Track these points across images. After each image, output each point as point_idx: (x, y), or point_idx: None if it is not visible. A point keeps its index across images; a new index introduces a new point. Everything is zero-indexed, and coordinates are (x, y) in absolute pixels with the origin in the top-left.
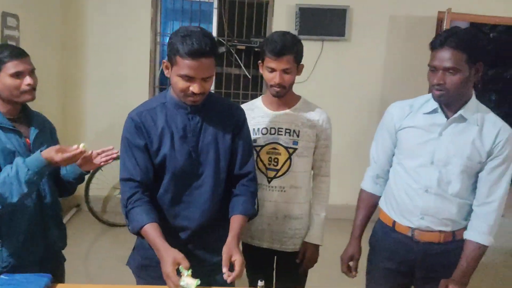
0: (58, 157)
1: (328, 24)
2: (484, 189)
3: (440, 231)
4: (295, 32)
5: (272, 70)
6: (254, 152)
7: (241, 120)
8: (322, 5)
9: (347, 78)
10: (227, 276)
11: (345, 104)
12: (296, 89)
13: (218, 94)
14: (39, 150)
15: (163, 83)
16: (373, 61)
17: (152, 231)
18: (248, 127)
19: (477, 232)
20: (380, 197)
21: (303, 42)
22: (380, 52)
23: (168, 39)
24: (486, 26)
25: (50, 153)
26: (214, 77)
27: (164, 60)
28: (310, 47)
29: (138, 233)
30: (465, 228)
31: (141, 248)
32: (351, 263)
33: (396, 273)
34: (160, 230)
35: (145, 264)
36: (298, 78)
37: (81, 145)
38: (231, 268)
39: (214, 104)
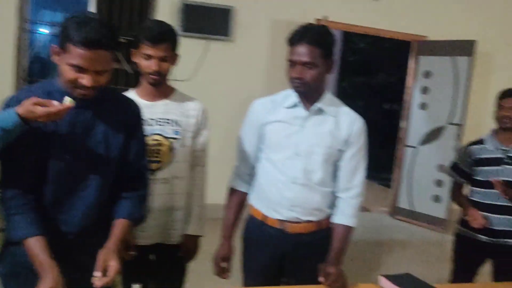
0: (40, 111)
1: (213, 23)
2: (345, 176)
3: (308, 221)
4: (179, 28)
5: (149, 57)
6: None
7: (136, 118)
8: (207, 3)
9: (231, 78)
10: (97, 280)
11: (228, 104)
12: (179, 87)
13: (113, 88)
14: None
15: (33, 75)
16: (257, 63)
17: (36, 245)
18: (143, 126)
19: (344, 216)
20: (248, 194)
21: (188, 40)
22: (263, 55)
23: (36, 26)
24: (356, 36)
25: (28, 107)
26: (110, 72)
27: (54, 45)
28: (195, 46)
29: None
30: (329, 216)
31: (11, 255)
32: (224, 264)
33: (270, 266)
34: (45, 244)
35: (17, 271)
36: (181, 76)
37: (68, 99)
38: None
39: (108, 98)
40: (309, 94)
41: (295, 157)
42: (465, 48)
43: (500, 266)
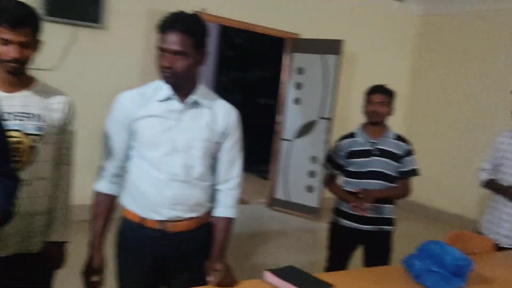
0: None
1: (82, 8)
2: (224, 168)
3: (190, 218)
4: (42, 12)
5: (7, 42)
6: None
7: None
8: None
9: (102, 70)
10: None
11: (98, 97)
12: (42, 77)
13: None
14: None
15: None
16: (131, 53)
17: None
18: (2, 119)
19: (225, 208)
20: (117, 196)
21: (52, 25)
22: (138, 45)
23: None
24: (233, 31)
25: None
26: None
27: None
28: (61, 32)
29: None
30: (209, 211)
31: None
32: (95, 278)
33: (150, 271)
34: None
35: None
36: (45, 65)
37: None
38: None
39: None
40: (181, 86)
41: (174, 153)
42: (333, 47)
43: (370, 251)
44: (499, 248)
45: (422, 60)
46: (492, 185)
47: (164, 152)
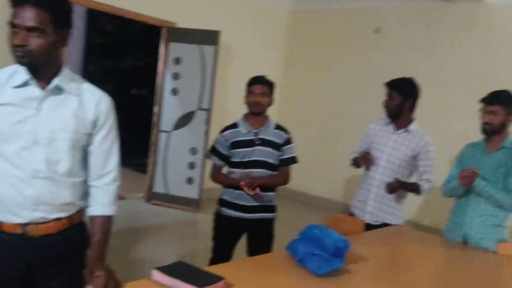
0: None
1: None
2: (98, 162)
3: (57, 219)
4: None
5: None
6: None
7: None
8: None
9: None
10: None
11: None
12: None
13: None
14: None
15: None
16: None
17: None
18: None
19: (102, 205)
20: None
21: None
22: None
23: None
24: (103, 17)
25: None
26: None
27: None
28: None
29: None
30: (81, 209)
31: None
32: None
33: (13, 281)
34: None
35: None
36: None
37: None
38: None
39: None
40: (40, 69)
41: (34, 146)
42: (210, 37)
43: (253, 239)
44: (367, 226)
45: (293, 53)
46: (355, 161)
47: (22, 145)
